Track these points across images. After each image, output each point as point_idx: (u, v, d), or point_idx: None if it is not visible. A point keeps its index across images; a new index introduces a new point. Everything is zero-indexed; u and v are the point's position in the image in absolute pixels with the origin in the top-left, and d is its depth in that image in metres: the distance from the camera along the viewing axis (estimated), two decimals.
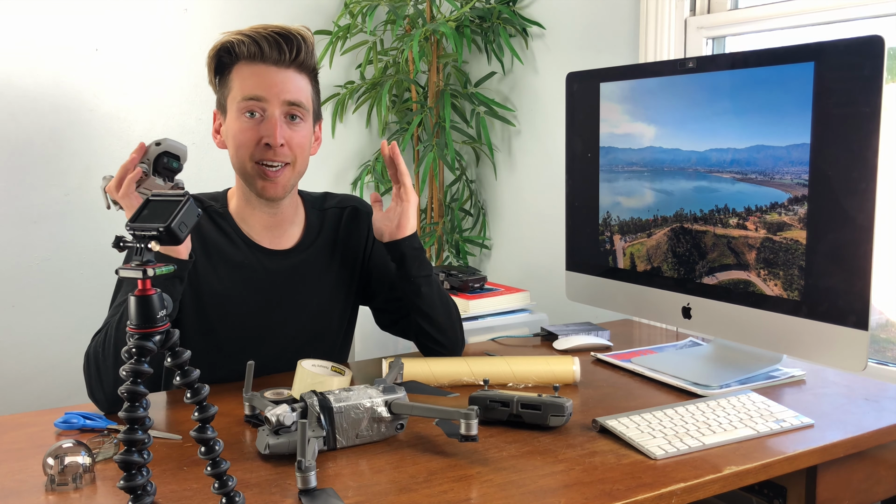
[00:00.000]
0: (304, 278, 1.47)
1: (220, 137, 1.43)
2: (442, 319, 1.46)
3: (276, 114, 1.35)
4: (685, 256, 1.46)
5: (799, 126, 1.25)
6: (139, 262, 0.81)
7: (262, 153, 1.35)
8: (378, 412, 1.13)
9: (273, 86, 1.34)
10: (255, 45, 1.33)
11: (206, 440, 0.84)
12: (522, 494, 0.97)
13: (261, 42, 1.33)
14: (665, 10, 2.06)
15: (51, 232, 2.39)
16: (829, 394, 1.34)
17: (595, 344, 1.65)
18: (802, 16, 1.80)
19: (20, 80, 2.31)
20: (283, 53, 1.34)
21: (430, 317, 1.44)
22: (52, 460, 1.00)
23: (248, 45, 1.34)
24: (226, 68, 1.38)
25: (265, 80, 1.34)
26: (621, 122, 1.56)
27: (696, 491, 1.01)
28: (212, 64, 1.38)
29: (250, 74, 1.35)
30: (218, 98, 1.41)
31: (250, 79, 1.34)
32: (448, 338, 1.47)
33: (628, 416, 1.18)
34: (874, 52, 1.13)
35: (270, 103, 1.34)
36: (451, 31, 2.45)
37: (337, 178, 2.87)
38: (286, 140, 1.36)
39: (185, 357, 0.84)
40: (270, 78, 1.34)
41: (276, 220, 1.45)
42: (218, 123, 1.43)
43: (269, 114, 1.35)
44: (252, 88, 1.34)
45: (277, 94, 1.34)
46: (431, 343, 1.47)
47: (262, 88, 1.34)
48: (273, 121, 1.34)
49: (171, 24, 2.51)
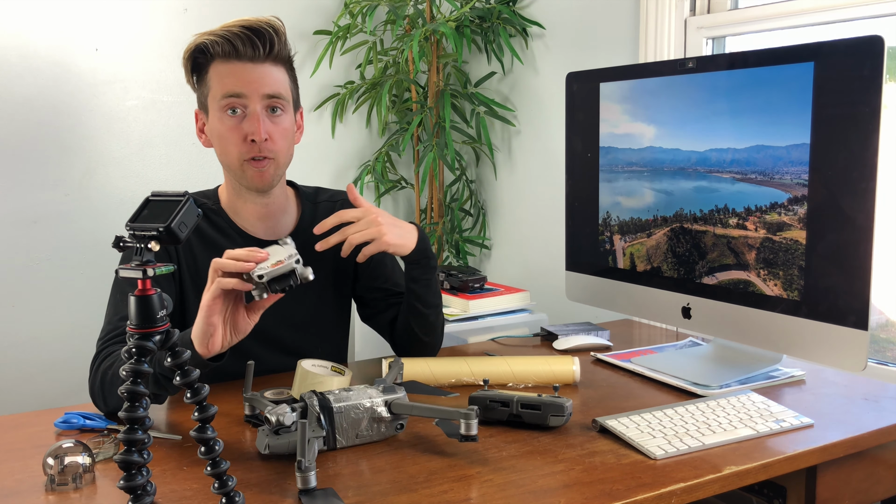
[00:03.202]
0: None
1: (205, 137, 1.45)
2: (433, 320, 1.48)
3: (258, 109, 1.36)
4: (685, 256, 1.46)
5: (799, 126, 1.25)
6: (139, 262, 0.81)
7: (248, 149, 1.37)
8: (378, 412, 1.13)
9: (251, 82, 1.36)
10: (229, 44, 1.35)
11: (206, 440, 0.84)
12: (522, 494, 0.97)
13: (234, 40, 1.35)
14: (665, 10, 2.06)
15: (51, 232, 2.39)
16: (829, 394, 1.34)
17: (595, 344, 1.65)
18: (802, 16, 1.80)
19: (20, 80, 2.31)
20: (258, 49, 1.36)
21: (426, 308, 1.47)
22: (52, 460, 1.00)
23: (221, 45, 1.35)
24: (202, 68, 1.39)
25: (242, 77, 1.36)
26: (621, 122, 1.56)
27: (696, 491, 1.01)
28: (188, 65, 1.40)
29: (228, 73, 1.36)
30: (198, 97, 1.43)
31: (228, 77, 1.36)
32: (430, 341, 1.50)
33: (628, 416, 1.18)
34: (874, 52, 1.13)
35: (250, 99, 1.36)
36: (451, 31, 2.45)
37: (337, 178, 2.87)
38: (269, 133, 1.37)
39: (184, 357, 0.84)
40: (247, 74, 1.36)
41: (268, 211, 1.47)
42: (201, 123, 1.45)
43: (251, 110, 1.36)
44: (231, 86, 1.36)
45: (256, 89, 1.36)
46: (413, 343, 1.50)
47: (241, 85, 1.36)
48: (255, 116, 1.36)
49: (171, 24, 2.51)
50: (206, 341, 1.15)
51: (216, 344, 1.16)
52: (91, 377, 1.29)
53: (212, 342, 1.15)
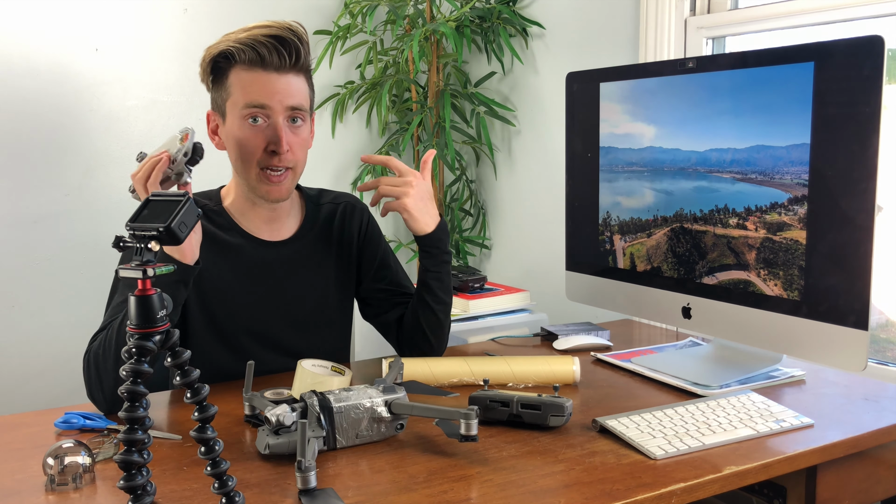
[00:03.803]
0: (303, 266, 1.49)
1: (218, 139, 1.43)
2: (441, 318, 1.49)
3: (280, 121, 1.35)
4: (685, 256, 1.46)
5: (799, 126, 1.25)
6: (139, 262, 0.81)
7: (267, 159, 1.36)
8: (378, 412, 1.13)
9: (276, 93, 1.34)
10: (255, 53, 1.33)
11: (206, 440, 0.84)
12: (522, 494, 0.97)
13: (259, 49, 1.32)
14: (665, 10, 2.06)
15: (51, 232, 2.39)
16: (829, 394, 1.34)
17: (595, 344, 1.65)
18: (802, 16, 1.80)
19: (20, 79, 2.31)
20: (283, 59, 1.34)
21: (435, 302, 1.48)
22: (52, 460, 1.00)
23: (247, 53, 1.33)
24: (222, 71, 1.37)
25: (267, 88, 1.34)
26: (621, 122, 1.56)
27: (696, 491, 1.01)
28: (207, 68, 1.38)
29: (251, 81, 1.34)
30: (214, 99, 1.41)
31: (252, 86, 1.34)
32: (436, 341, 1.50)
33: (628, 416, 1.18)
34: (874, 52, 1.13)
35: (274, 110, 1.35)
36: (451, 31, 2.45)
37: (337, 178, 2.87)
38: (290, 144, 1.37)
39: (185, 357, 0.84)
40: (272, 85, 1.34)
41: (275, 214, 1.48)
42: (215, 125, 1.43)
43: (273, 121, 1.35)
44: (255, 96, 1.34)
45: (280, 100, 1.34)
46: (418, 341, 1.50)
47: (265, 96, 1.34)
48: (278, 128, 1.35)
49: (171, 24, 2.51)
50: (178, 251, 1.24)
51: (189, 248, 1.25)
52: (85, 370, 1.27)
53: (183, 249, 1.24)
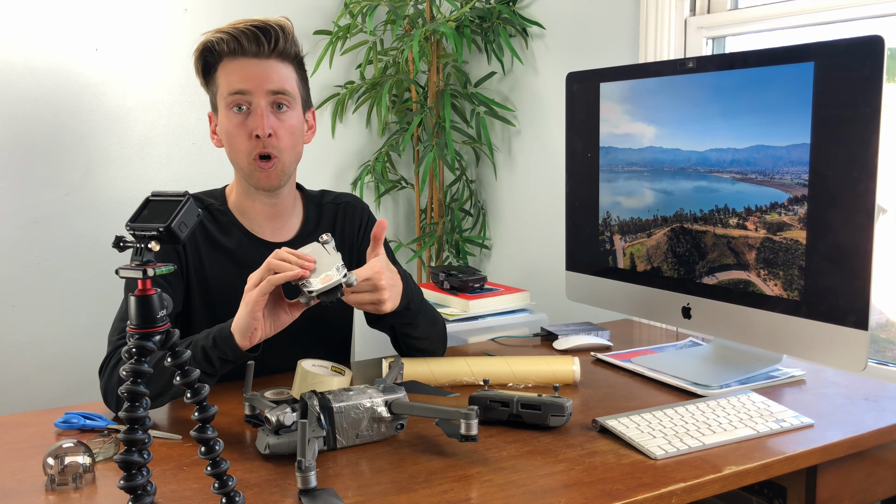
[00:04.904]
0: None
1: (216, 137, 1.45)
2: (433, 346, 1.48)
3: (262, 104, 1.37)
4: (685, 256, 1.46)
5: (799, 126, 1.25)
6: (139, 262, 0.81)
7: (253, 146, 1.37)
8: (378, 412, 1.13)
9: (255, 77, 1.36)
10: (235, 41, 1.36)
11: (206, 440, 0.84)
12: (522, 494, 0.97)
13: (239, 37, 1.36)
14: (665, 10, 2.06)
15: (51, 232, 2.39)
16: (829, 394, 1.34)
17: (595, 344, 1.65)
18: (802, 16, 1.80)
19: (20, 80, 2.31)
20: (262, 45, 1.36)
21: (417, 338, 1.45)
22: (52, 460, 1.00)
23: (227, 42, 1.36)
24: (211, 68, 1.40)
25: (247, 73, 1.36)
26: (621, 122, 1.56)
27: (696, 491, 1.01)
28: (198, 65, 1.41)
29: (234, 69, 1.37)
30: (210, 98, 1.44)
31: (234, 73, 1.37)
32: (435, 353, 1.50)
33: (628, 416, 1.18)
34: (874, 52, 1.13)
35: (255, 95, 1.36)
36: (451, 31, 2.45)
37: (337, 178, 2.87)
38: (274, 129, 1.37)
39: (185, 357, 0.84)
40: (252, 70, 1.36)
41: (276, 211, 1.47)
42: (214, 124, 1.45)
43: (255, 105, 1.37)
44: (236, 82, 1.36)
45: (260, 84, 1.36)
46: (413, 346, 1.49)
47: (245, 81, 1.36)
48: (259, 112, 1.36)
49: (171, 24, 2.51)
50: (249, 334, 1.20)
51: (257, 336, 1.21)
52: (105, 379, 1.29)
53: (254, 335, 1.20)
